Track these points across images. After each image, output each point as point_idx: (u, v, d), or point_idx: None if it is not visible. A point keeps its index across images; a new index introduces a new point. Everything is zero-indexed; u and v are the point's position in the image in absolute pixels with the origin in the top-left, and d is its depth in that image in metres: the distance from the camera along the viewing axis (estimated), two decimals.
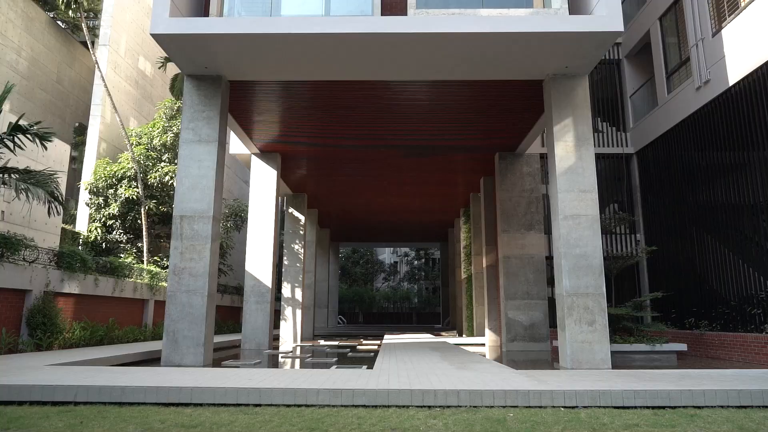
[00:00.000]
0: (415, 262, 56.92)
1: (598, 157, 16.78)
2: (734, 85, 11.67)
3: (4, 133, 10.91)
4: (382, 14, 9.54)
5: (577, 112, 9.93)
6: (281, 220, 24.27)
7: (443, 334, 23.83)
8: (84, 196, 19.26)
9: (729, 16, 12.00)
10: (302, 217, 19.33)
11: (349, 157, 16.10)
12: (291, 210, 19.41)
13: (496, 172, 15.26)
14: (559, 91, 10.02)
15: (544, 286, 14.44)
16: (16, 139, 10.90)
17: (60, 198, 11.84)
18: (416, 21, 8.88)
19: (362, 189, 19.95)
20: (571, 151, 9.78)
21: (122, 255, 17.96)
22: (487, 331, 16.66)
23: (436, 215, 25.42)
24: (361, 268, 55.49)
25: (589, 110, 9.98)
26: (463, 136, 14.06)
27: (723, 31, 12.11)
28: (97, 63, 19.05)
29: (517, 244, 14.52)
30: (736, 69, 11.56)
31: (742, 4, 11.57)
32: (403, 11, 9.70)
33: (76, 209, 20.53)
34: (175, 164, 18.91)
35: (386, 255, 59.43)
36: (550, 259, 15.68)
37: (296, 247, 18.80)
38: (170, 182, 18.83)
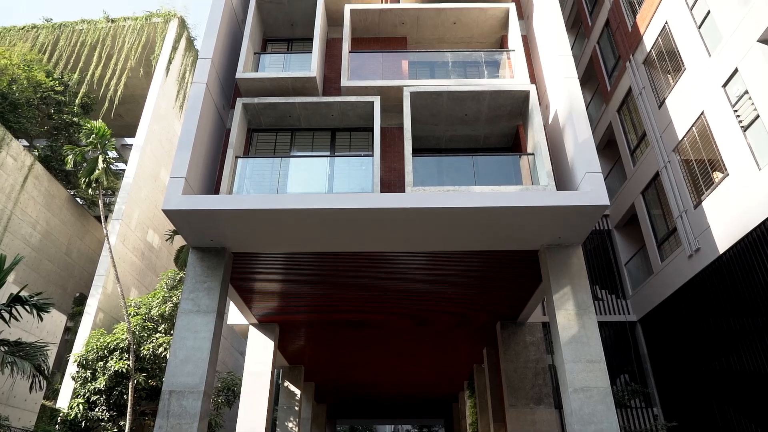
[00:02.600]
0: None
1: (602, 326, 16.49)
2: (725, 253, 11.98)
3: (3, 304, 10.88)
4: (382, 191, 10.18)
5: (575, 281, 10.02)
6: (276, 394, 22.98)
7: None
8: (72, 368, 18.48)
9: (706, 190, 12.82)
10: (298, 392, 18.31)
11: (348, 329, 15.83)
12: (287, 384, 18.48)
13: (498, 342, 14.87)
14: (555, 261, 10.23)
15: None
16: (13, 311, 10.83)
17: (46, 372, 11.35)
18: (413, 197, 9.44)
19: (361, 361, 19.24)
20: (573, 320, 9.65)
21: None
22: None
23: (439, 388, 24.13)
24: None
25: (587, 279, 10.08)
26: (463, 306, 14.00)
27: (703, 203, 12.83)
28: (107, 236, 19.79)
29: (527, 420, 13.53)
30: (724, 238, 11.98)
31: (716, 180, 12.44)
32: (401, 189, 10.38)
33: (60, 383, 19.55)
34: (171, 335, 18.51)
35: None
36: None
37: (290, 425, 17.49)
38: (163, 354, 18.22)
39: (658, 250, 15.26)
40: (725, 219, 11.98)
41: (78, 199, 26.42)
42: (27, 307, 10.93)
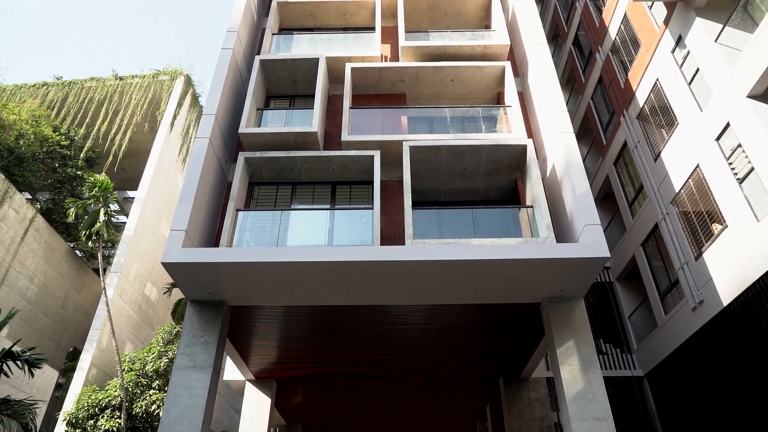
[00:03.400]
0: None
1: (607, 381, 16.02)
2: (730, 305, 11.84)
3: None
4: (382, 244, 10.17)
5: (578, 335, 9.84)
6: None
7: None
8: (61, 428, 17.85)
9: (706, 242, 12.82)
10: None
11: (347, 384, 15.42)
12: None
13: (502, 399, 14.45)
14: (557, 314, 10.09)
15: None
16: (4, 366, 10.59)
17: (34, 431, 10.95)
18: (413, 250, 9.42)
19: (360, 419, 18.62)
20: (577, 375, 9.41)
21: None
22: None
23: None
24: None
25: (590, 332, 9.91)
26: (464, 361, 13.70)
27: (704, 255, 12.79)
28: (105, 289, 19.61)
29: None
30: (727, 289, 11.87)
31: (716, 232, 12.46)
32: (401, 241, 10.38)
33: None
34: (165, 392, 18.00)
35: None
36: None
37: None
38: (156, 412, 17.66)
39: (662, 303, 15.09)
40: (727, 270, 11.91)
41: (77, 251, 26.37)
42: (19, 362, 10.69)
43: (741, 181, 11.57)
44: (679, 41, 13.96)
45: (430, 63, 13.35)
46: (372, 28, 15.15)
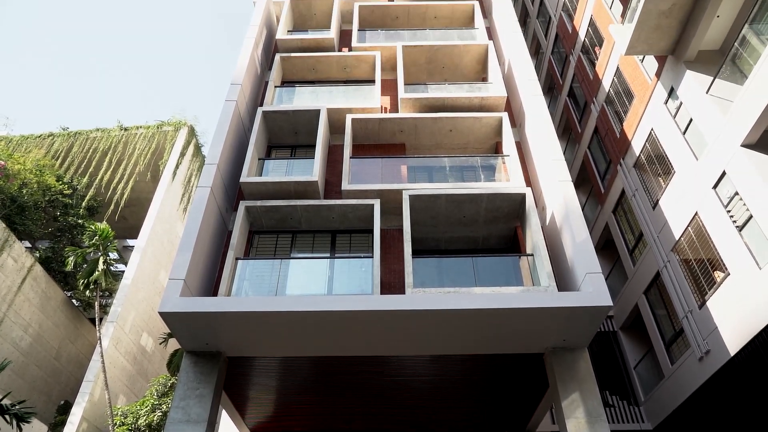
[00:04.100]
0: None
1: None
2: (737, 355, 11.60)
3: None
4: (382, 293, 10.08)
5: (583, 387, 9.60)
6: None
7: None
8: None
9: (709, 290, 12.70)
10: None
11: None
12: None
13: None
14: (561, 365, 9.87)
15: None
16: None
17: None
18: (414, 299, 9.33)
19: None
20: (584, 429, 9.11)
21: None
22: None
23: None
24: None
25: (596, 384, 9.67)
26: (467, 414, 13.30)
27: (708, 303, 12.64)
28: (100, 340, 19.29)
29: None
30: (734, 339, 11.66)
31: (718, 280, 12.37)
32: (401, 290, 10.29)
33: None
34: None
35: None
36: None
37: None
38: None
39: (667, 353, 14.78)
40: (733, 319, 11.74)
41: (74, 300, 26.09)
42: (7, 416, 10.38)
43: (740, 228, 11.59)
44: (671, 93, 14.32)
45: (429, 114, 13.64)
46: (372, 81, 15.59)
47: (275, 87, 15.15)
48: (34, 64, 73.21)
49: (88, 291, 20.99)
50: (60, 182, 24.79)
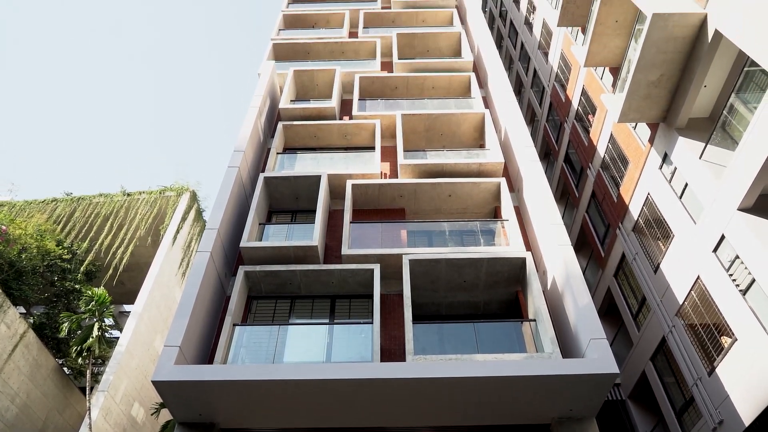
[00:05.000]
0: None
1: None
2: (752, 424, 11.14)
3: None
4: (382, 360, 9.83)
5: None
6: None
7: None
8: None
9: (717, 356, 12.39)
10: None
11: None
12: None
13: None
14: None
15: None
16: None
17: None
18: (415, 367, 9.08)
19: None
20: None
21: None
22: None
23: None
24: None
25: None
26: None
27: (717, 370, 12.29)
28: (89, 410, 18.59)
29: None
30: (747, 407, 11.24)
31: (726, 345, 12.09)
32: (401, 357, 10.04)
33: None
34: None
35: None
36: None
37: None
38: None
39: (679, 423, 14.20)
40: (744, 386, 11.37)
41: (65, 368, 25.38)
42: None
43: (744, 292, 11.47)
44: (665, 158, 14.62)
45: (429, 179, 13.86)
46: (372, 148, 15.95)
47: (277, 153, 15.49)
48: (43, 130, 75.29)
49: (80, 358, 20.48)
50: (60, 247, 24.79)
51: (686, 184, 13.68)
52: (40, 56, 73.83)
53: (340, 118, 17.98)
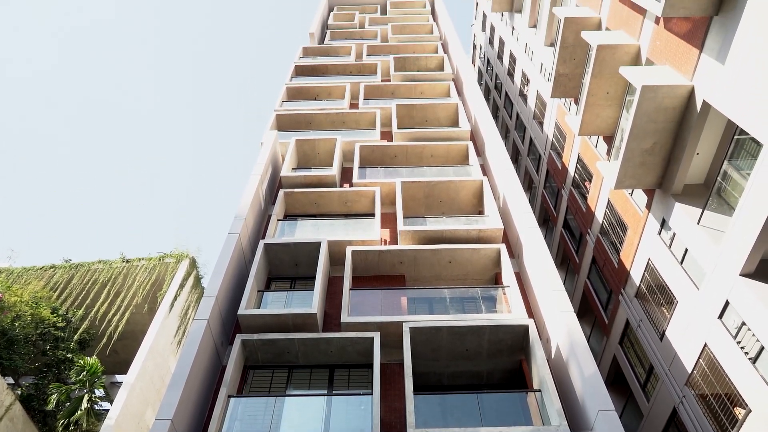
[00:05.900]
0: None
1: None
2: None
3: None
4: None
5: None
6: None
7: None
8: None
9: (731, 428, 11.88)
10: None
11: None
12: None
13: None
14: None
15: None
16: None
17: None
18: None
19: None
20: None
21: None
22: None
23: None
24: None
25: None
26: None
27: None
28: None
29: None
30: None
31: (740, 417, 11.62)
32: (402, 430, 9.64)
33: None
34: None
35: None
36: None
37: None
38: None
39: None
40: None
41: None
42: None
43: (754, 360, 11.16)
44: (663, 224, 14.69)
45: (428, 246, 13.86)
46: (372, 214, 16.08)
47: (278, 220, 15.60)
48: (46, 197, 76.23)
49: None
50: (54, 315, 24.39)
51: (686, 250, 13.66)
52: (48, 125, 76.13)
53: (341, 186, 18.26)
